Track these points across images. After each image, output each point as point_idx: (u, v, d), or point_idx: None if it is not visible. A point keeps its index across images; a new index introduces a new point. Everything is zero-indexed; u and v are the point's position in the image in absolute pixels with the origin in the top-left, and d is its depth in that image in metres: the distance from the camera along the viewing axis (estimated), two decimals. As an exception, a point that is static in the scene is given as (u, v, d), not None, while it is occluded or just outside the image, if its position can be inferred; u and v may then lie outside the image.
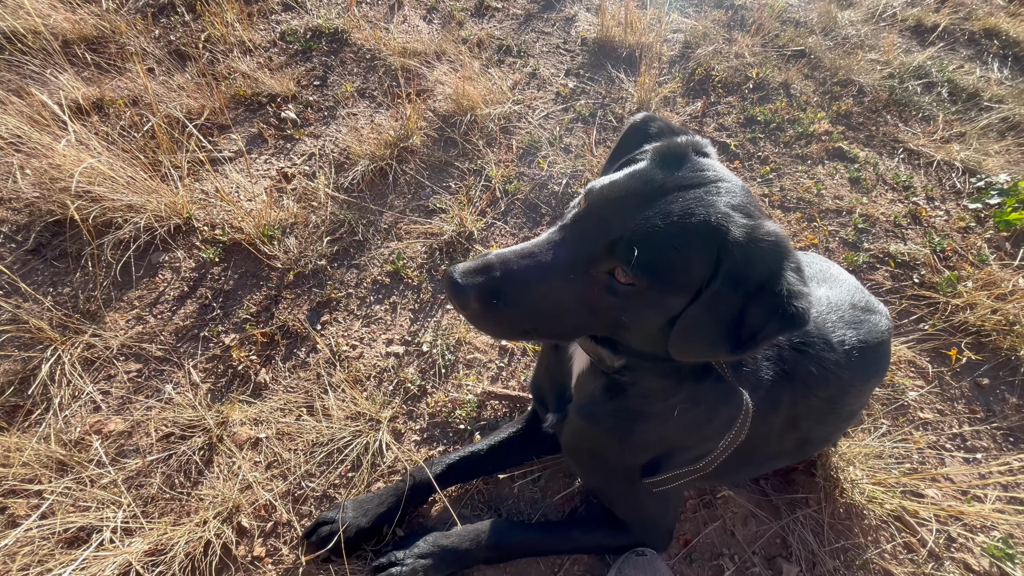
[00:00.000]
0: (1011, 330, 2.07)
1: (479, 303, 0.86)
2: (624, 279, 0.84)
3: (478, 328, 0.97)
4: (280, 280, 2.01)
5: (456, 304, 0.88)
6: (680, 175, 0.86)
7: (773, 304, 0.78)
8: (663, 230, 0.81)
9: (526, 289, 0.87)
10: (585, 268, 0.87)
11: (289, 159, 2.49)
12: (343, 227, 2.19)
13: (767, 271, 0.80)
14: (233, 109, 2.67)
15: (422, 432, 1.68)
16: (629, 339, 0.98)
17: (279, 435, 1.63)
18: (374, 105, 2.78)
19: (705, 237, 0.81)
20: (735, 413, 1.15)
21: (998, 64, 3.84)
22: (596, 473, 1.37)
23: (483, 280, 0.86)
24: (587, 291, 0.88)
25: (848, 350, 1.28)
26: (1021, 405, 1.94)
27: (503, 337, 1.09)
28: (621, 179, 0.90)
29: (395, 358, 1.85)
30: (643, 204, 0.84)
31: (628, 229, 0.83)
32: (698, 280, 0.82)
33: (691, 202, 0.83)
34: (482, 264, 0.87)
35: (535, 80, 3.10)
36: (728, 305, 0.81)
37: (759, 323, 0.80)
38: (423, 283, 2.07)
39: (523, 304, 0.88)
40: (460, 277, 0.85)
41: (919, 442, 1.81)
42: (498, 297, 0.86)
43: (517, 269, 0.87)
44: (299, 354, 1.84)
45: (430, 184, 2.41)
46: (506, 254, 0.89)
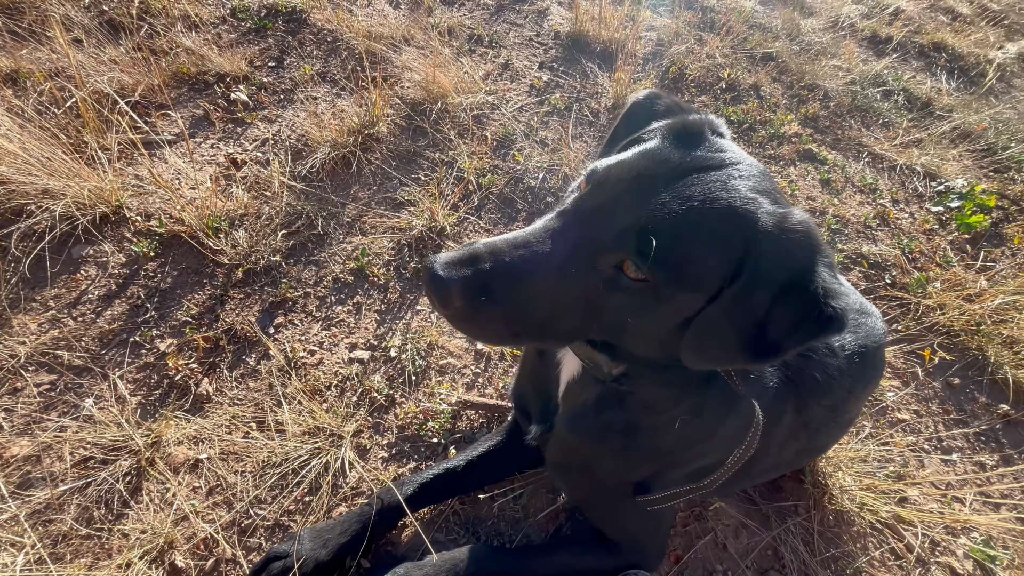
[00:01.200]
0: (978, 330, 2.11)
1: (464, 300, 0.72)
2: (634, 274, 0.72)
3: (460, 330, 0.83)
4: (227, 278, 1.79)
5: (436, 301, 0.74)
6: (698, 155, 0.76)
7: (806, 305, 0.68)
8: (682, 217, 0.70)
9: (519, 284, 0.75)
10: (589, 261, 0.75)
11: (239, 144, 2.25)
12: (300, 219, 1.98)
13: (798, 266, 0.69)
14: (175, 88, 2.40)
15: (390, 448, 1.51)
16: (632, 343, 0.86)
17: (223, 455, 1.42)
18: (336, 90, 2.57)
19: (731, 226, 0.70)
20: (740, 424, 1.05)
21: (946, 76, 4.02)
22: (585, 491, 1.24)
23: (469, 273, 0.72)
24: (590, 288, 0.76)
25: (849, 355, 1.22)
26: (990, 404, 1.97)
27: (488, 340, 0.94)
28: (630, 158, 0.78)
29: (359, 365, 1.67)
30: (657, 187, 0.73)
31: (641, 215, 0.71)
32: (720, 275, 0.71)
33: (713, 186, 0.72)
34: (468, 254, 0.74)
35: (508, 71, 2.97)
36: (753, 306, 0.70)
37: (788, 327, 0.69)
38: (390, 282, 1.89)
39: (515, 302, 0.75)
40: (442, 269, 0.71)
41: (900, 444, 1.79)
42: (486, 293, 0.73)
43: (510, 261, 0.74)
44: (248, 361, 1.63)
45: (398, 175, 2.23)
46: (496, 243, 0.76)
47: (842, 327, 0.68)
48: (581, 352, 1.00)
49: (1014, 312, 2.16)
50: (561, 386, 1.16)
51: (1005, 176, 3.07)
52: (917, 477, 1.73)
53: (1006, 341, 2.09)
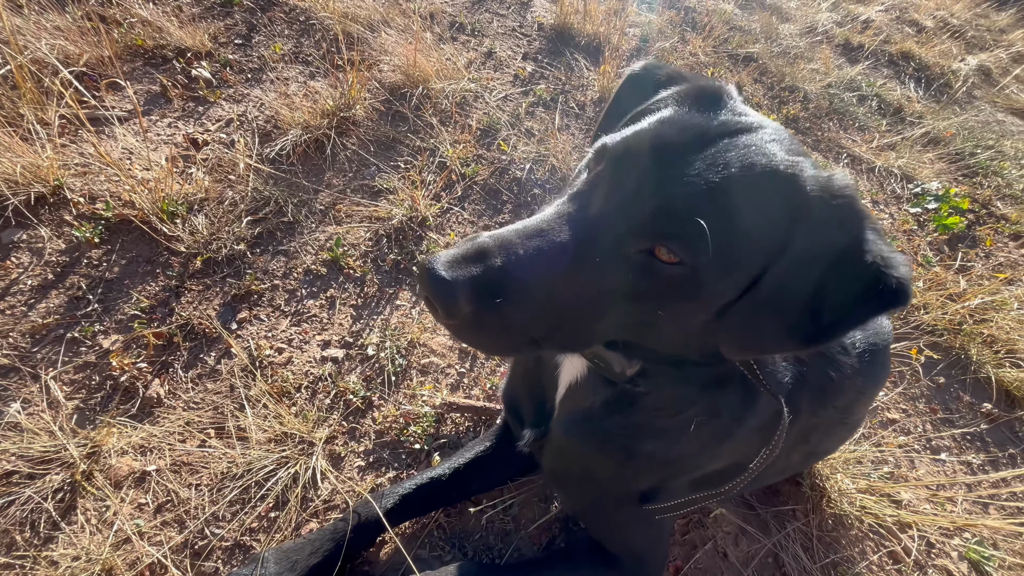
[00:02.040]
0: (960, 330, 2.13)
1: (475, 305, 0.60)
2: (668, 258, 0.63)
3: (469, 342, 0.70)
4: (183, 267, 1.61)
5: (441, 308, 0.60)
6: (724, 119, 0.67)
7: (865, 277, 0.60)
8: (719, 187, 0.61)
9: (539, 282, 0.64)
10: (615, 247, 0.65)
11: (200, 124, 2.06)
12: (268, 206, 1.81)
13: (849, 235, 0.62)
14: (128, 62, 2.19)
15: (367, 455, 1.37)
16: (658, 339, 0.77)
17: (175, 466, 1.25)
18: (309, 71, 2.40)
19: (775, 193, 0.63)
20: (757, 425, 0.97)
21: (914, 84, 4.15)
22: (585, 500, 1.14)
23: (479, 272, 0.61)
24: (618, 279, 0.66)
25: (860, 353, 1.16)
26: (973, 403, 1.98)
27: (502, 351, 0.81)
28: (649, 128, 0.69)
29: (333, 364, 1.52)
30: (687, 156, 0.64)
31: (672, 190, 0.62)
32: (765, 250, 0.63)
33: (748, 150, 0.63)
34: (474, 250, 0.62)
35: (491, 60, 2.86)
36: (803, 282, 0.62)
37: (847, 303, 0.62)
38: (368, 274, 1.75)
39: (534, 304, 0.64)
40: (445, 269, 0.59)
41: (892, 444, 1.77)
42: (501, 295, 0.61)
43: (524, 254, 0.63)
44: (207, 360, 1.46)
45: (376, 161, 2.09)
46: (505, 235, 0.64)
47: (907, 298, 0.60)
48: (590, 351, 0.90)
49: (992, 312, 2.19)
50: (560, 389, 1.05)
51: (974, 180, 3.16)
52: (909, 478, 1.71)
53: (986, 340, 2.12)
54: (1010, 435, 1.92)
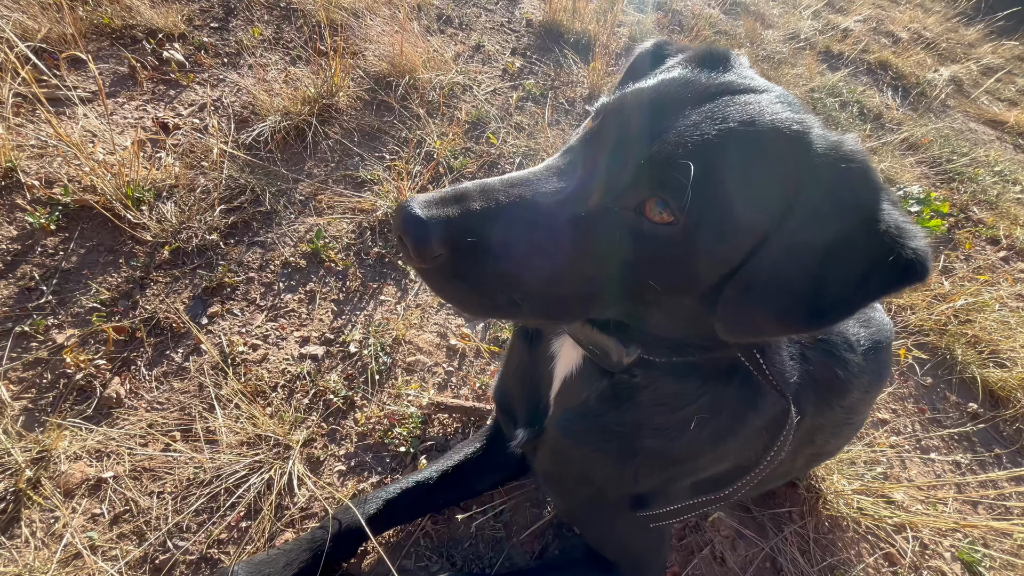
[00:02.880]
0: (945, 330, 2.14)
1: (449, 248, 0.56)
2: (658, 217, 0.59)
3: (440, 293, 0.65)
4: (149, 257, 1.49)
5: (412, 248, 0.56)
6: (728, 78, 0.64)
7: (877, 248, 0.54)
8: (716, 141, 0.57)
9: (519, 232, 0.59)
10: (602, 202, 0.61)
11: (171, 108, 1.94)
12: (244, 194, 1.71)
13: (861, 202, 0.56)
14: (94, 41, 2.06)
15: (349, 459, 1.28)
16: (653, 317, 0.72)
17: (135, 472, 1.14)
18: (290, 57, 2.30)
19: (779, 151, 0.58)
20: (761, 425, 0.92)
21: (891, 92, 4.24)
22: (581, 505, 1.07)
23: (456, 214, 0.57)
24: (606, 240, 0.62)
25: (865, 351, 1.12)
26: (960, 403, 1.99)
27: (474, 309, 0.69)
28: (649, 85, 0.66)
29: (312, 362, 1.43)
30: (684, 109, 0.60)
31: (664, 141, 0.58)
32: (767, 215, 0.58)
33: (752, 107, 0.59)
34: (453, 193, 0.58)
35: (479, 54, 2.80)
36: (808, 254, 0.57)
37: (859, 277, 0.56)
38: (350, 268, 1.66)
39: (513, 256, 0.60)
40: (420, 208, 0.56)
41: (883, 444, 1.76)
42: (477, 241, 0.57)
43: (506, 202, 0.59)
44: (173, 357, 1.35)
45: (359, 151, 2.00)
46: (489, 183, 0.61)
47: (926, 273, 0.55)
48: (584, 337, 0.83)
49: (976, 313, 2.21)
50: (555, 383, 0.99)
51: (951, 186, 3.23)
52: (902, 478, 1.69)
53: (971, 341, 2.13)
54: (995, 435, 1.94)
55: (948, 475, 1.76)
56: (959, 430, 1.88)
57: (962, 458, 1.83)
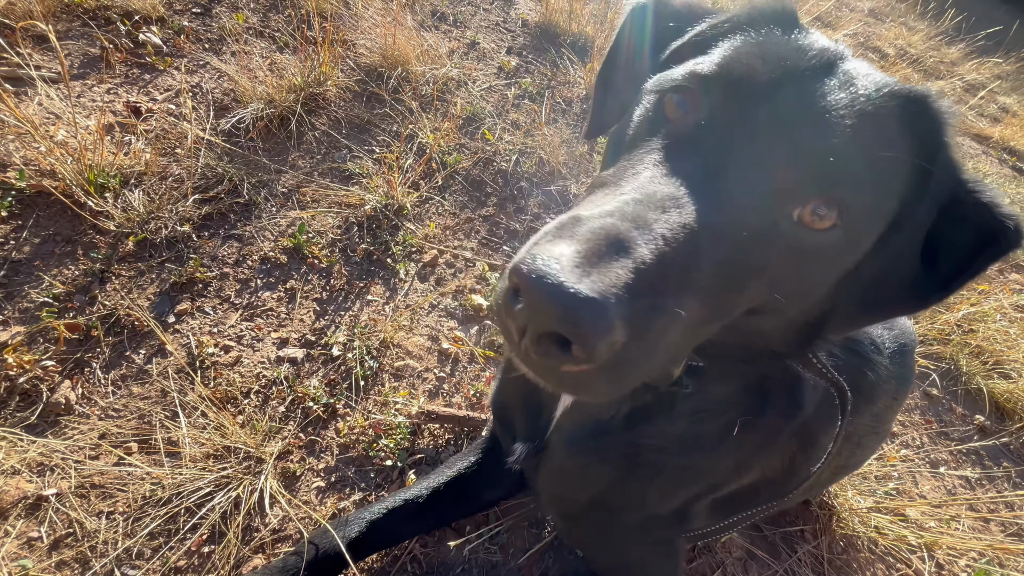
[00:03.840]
0: (949, 340, 2.09)
1: (631, 330, 0.38)
2: (819, 222, 0.49)
3: (595, 392, 0.43)
4: (112, 249, 1.36)
5: (585, 343, 0.36)
6: (822, 42, 0.55)
7: (979, 219, 0.53)
8: (871, 117, 0.50)
9: (696, 275, 0.44)
10: (764, 214, 0.48)
11: (145, 92, 1.81)
12: (221, 184, 1.58)
13: (956, 173, 0.54)
14: (63, 20, 1.92)
15: (328, 473, 1.16)
16: (750, 331, 0.61)
17: (82, 489, 1.00)
18: (276, 46, 2.19)
19: (913, 126, 0.52)
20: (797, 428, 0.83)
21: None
22: (593, 532, 0.97)
23: (631, 278, 0.38)
24: (762, 258, 0.49)
25: (892, 354, 1.04)
26: (966, 415, 1.93)
27: (630, 388, 0.47)
28: (751, 52, 0.53)
29: (290, 365, 1.31)
30: (816, 84, 0.51)
31: (829, 128, 0.48)
32: (904, 192, 0.53)
33: (872, 76, 0.52)
34: (603, 238, 0.39)
35: (475, 51, 2.72)
36: (921, 228, 0.54)
37: (964, 250, 0.54)
38: (335, 265, 1.54)
39: (690, 306, 0.44)
40: (578, 278, 0.36)
41: (893, 458, 1.68)
42: (660, 307, 0.41)
43: (673, 239, 0.42)
44: (134, 359, 1.21)
45: (348, 143, 1.89)
46: (631, 210, 0.43)
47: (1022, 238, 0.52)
48: None
49: (978, 323, 2.18)
50: (565, 398, 0.88)
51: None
52: (913, 494, 1.62)
53: (974, 351, 2.09)
54: (1003, 448, 1.88)
55: (960, 491, 1.69)
56: (967, 446, 1.81)
57: (971, 473, 1.77)
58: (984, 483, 1.76)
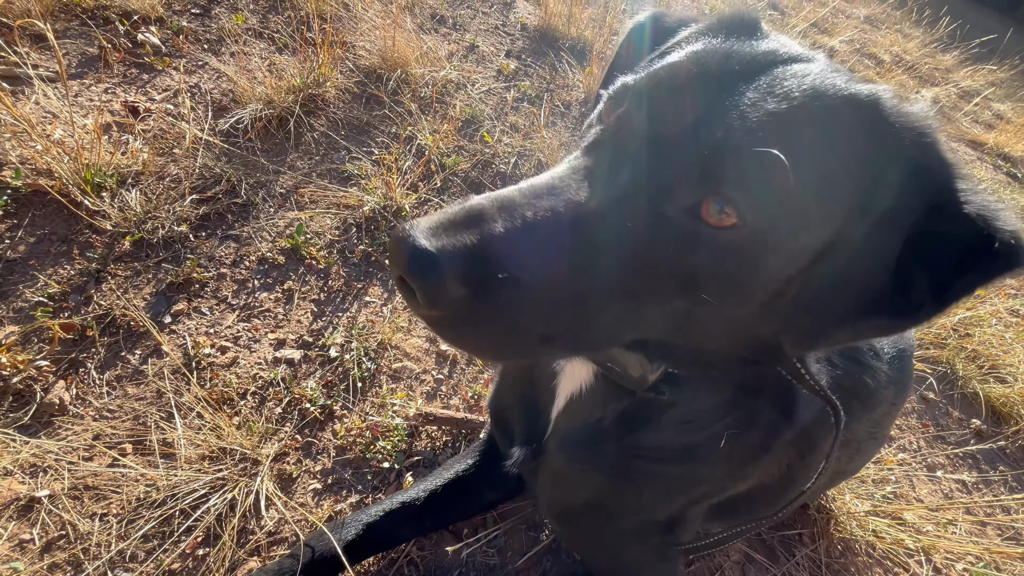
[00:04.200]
0: (945, 344, 2.10)
1: (470, 287, 0.44)
2: (717, 218, 0.49)
3: (456, 342, 0.52)
4: (108, 248, 1.35)
5: (422, 292, 0.44)
6: (771, 47, 0.54)
7: (968, 233, 0.47)
8: (783, 119, 0.48)
9: (555, 256, 0.48)
10: (649, 207, 0.50)
11: (144, 93, 1.80)
12: (219, 184, 1.58)
13: (939, 182, 0.49)
14: (61, 19, 1.92)
15: (325, 475, 1.15)
16: (697, 333, 0.61)
17: (75, 491, 0.99)
18: (275, 47, 2.19)
19: (855, 124, 0.49)
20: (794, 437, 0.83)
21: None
22: (591, 537, 0.96)
23: (475, 241, 0.44)
24: (658, 253, 0.51)
25: (891, 360, 1.04)
26: (962, 419, 1.94)
27: (500, 354, 0.62)
28: (681, 59, 0.55)
29: (287, 367, 1.30)
30: (736, 86, 0.50)
31: (723, 125, 0.48)
32: (846, 203, 0.49)
33: (809, 78, 0.50)
34: (465, 213, 0.46)
35: (474, 54, 2.73)
36: (891, 243, 0.49)
37: (949, 267, 0.48)
38: (333, 266, 1.54)
39: (548, 286, 0.48)
40: (428, 237, 0.43)
41: (890, 462, 1.68)
42: (504, 273, 0.45)
43: (535, 219, 0.47)
44: (129, 359, 1.20)
45: (346, 144, 1.88)
46: (508, 195, 0.49)
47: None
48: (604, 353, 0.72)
49: (974, 327, 2.19)
50: (559, 400, 0.88)
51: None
52: (910, 497, 1.62)
53: (970, 355, 2.10)
54: (999, 452, 1.89)
55: (957, 495, 1.70)
56: (964, 450, 1.82)
57: (968, 476, 1.77)
58: (980, 487, 1.76)
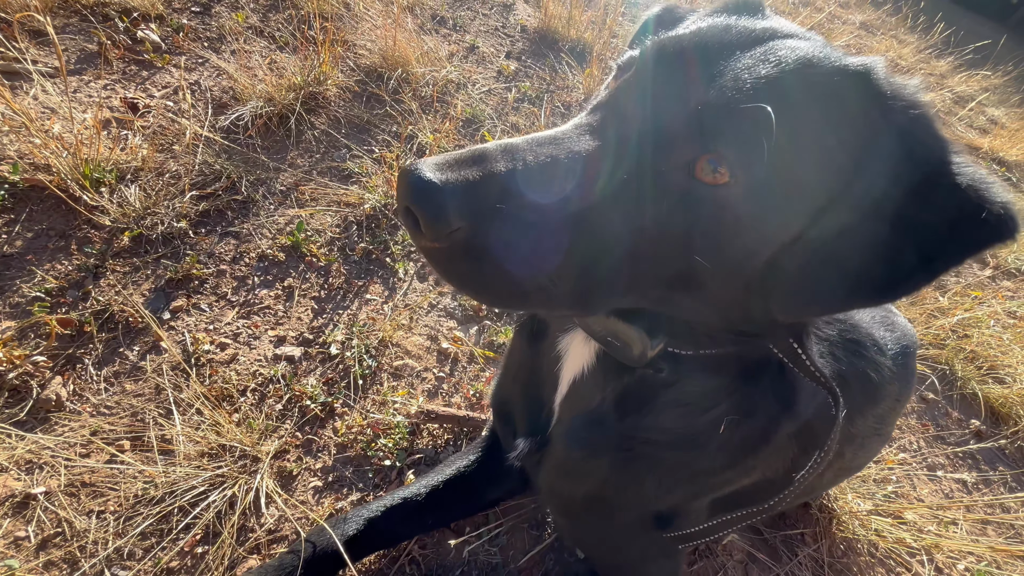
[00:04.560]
0: (944, 344, 2.11)
1: (470, 220, 0.46)
2: (711, 176, 0.50)
3: (453, 278, 0.52)
4: (107, 244, 1.34)
5: (425, 218, 0.45)
6: (770, 24, 0.57)
7: (958, 204, 0.47)
8: (778, 82, 0.49)
9: (554, 199, 0.50)
10: (649, 160, 0.52)
11: (143, 89, 1.80)
12: (219, 181, 1.57)
13: (931, 154, 0.49)
14: (61, 15, 1.91)
15: (326, 473, 1.14)
16: (689, 302, 0.61)
17: (72, 488, 0.98)
18: (276, 46, 2.18)
19: (846, 93, 0.50)
20: (796, 428, 0.82)
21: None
22: (592, 528, 0.95)
23: (478, 177, 0.46)
24: (652, 205, 0.52)
25: (894, 355, 1.05)
26: (962, 419, 1.94)
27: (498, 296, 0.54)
28: (687, 31, 0.57)
29: (288, 364, 1.29)
30: (733, 52, 0.52)
31: (724, 85, 0.50)
32: (836, 169, 0.50)
33: (803, 49, 0.52)
34: (470, 154, 0.48)
35: (474, 55, 2.73)
36: (881, 212, 0.49)
37: (939, 237, 0.48)
38: (333, 263, 1.53)
39: (546, 228, 0.49)
40: (432, 171, 0.45)
41: (891, 461, 1.68)
42: (505, 211, 0.47)
43: (536, 163, 0.49)
44: (127, 355, 1.19)
45: (347, 142, 1.88)
46: (513, 142, 0.51)
47: (1016, 229, 0.47)
48: (602, 328, 0.71)
49: (972, 328, 2.19)
50: (562, 386, 0.88)
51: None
52: (911, 497, 1.62)
53: (969, 356, 2.10)
54: (998, 452, 1.89)
55: (957, 494, 1.70)
56: (964, 449, 1.82)
57: (968, 476, 1.77)
58: (980, 487, 1.76)
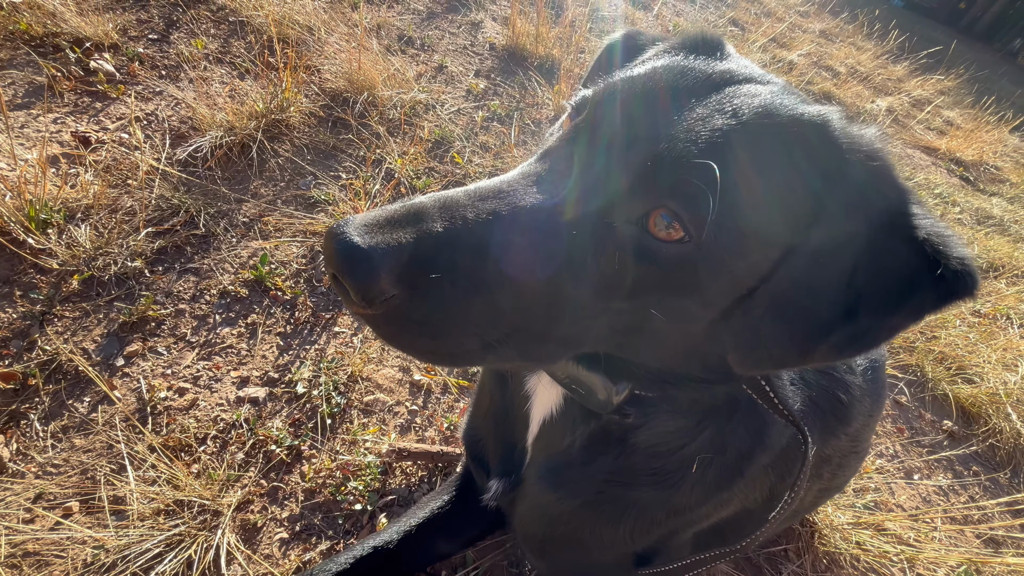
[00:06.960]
0: (913, 347, 2.15)
1: (402, 285, 0.43)
2: (665, 232, 0.49)
3: (392, 342, 0.50)
4: (54, 288, 1.27)
5: (354, 288, 0.42)
6: (728, 66, 0.56)
7: (916, 260, 0.46)
8: (732, 136, 0.48)
9: (494, 260, 0.47)
10: (597, 216, 0.50)
11: (96, 122, 1.73)
12: (177, 215, 1.51)
13: (889, 207, 0.49)
14: (7, 48, 1.84)
15: (293, 522, 1.09)
16: (649, 349, 0.60)
17: (14, 559, 0.91)
18: (237, 73, 2.14)
19: (802, 146, 0.49)
20: (770, 460, 0.81)
21: (837, 122, 4.48)
22: (573, 570, 0.93)
23: (411, 239, 0.44)
24: (601, 262, 0.51)
25: (864, 372, 1.05)
26: (935, 420, 1.97)
27: (439, 359, 0.53)
28: (640, 72, 0.56)
29: (251, 406, 1.23)
30: (688, 101, 0.51)
31: (672, 139, 0.48)
32: (791, 222, 0.49)
33: (760, 98, 0.51)
34: (404, 211, 0.46)
35: (442, 75, 2.73)
36: (838, 267, 0.48)
37: (897, 293, 0.47)
38: (300, 296, 1.48)
39: (487, 290, 0.47)
40: (359, 234, 0.42)
41: (869, 469, 1.70)
42: (441, 273, 0.45)
43: (476, 221, 0.47)
44: (77, 408, 1.12)
45: (312, 170, 1.84)
46: (451, 195, 0.49)
47: (975, 287, 0.46)
48: (565, 375, 0.70)
49: (939, 329, 2.25)
50: (533, 426, 0.86)
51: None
52: (890, 504, 1.63)
53: (938, 357, 2.15)
54: (971, 454, 1.92)
55: (934, 498, 1.71)
56: (939, 455, 1.84)
57: (943, 480, 1.80)
58: (957, 489, 1.78)
